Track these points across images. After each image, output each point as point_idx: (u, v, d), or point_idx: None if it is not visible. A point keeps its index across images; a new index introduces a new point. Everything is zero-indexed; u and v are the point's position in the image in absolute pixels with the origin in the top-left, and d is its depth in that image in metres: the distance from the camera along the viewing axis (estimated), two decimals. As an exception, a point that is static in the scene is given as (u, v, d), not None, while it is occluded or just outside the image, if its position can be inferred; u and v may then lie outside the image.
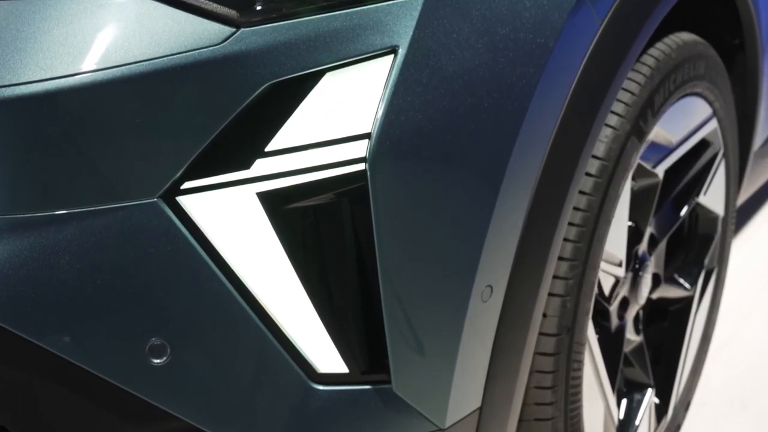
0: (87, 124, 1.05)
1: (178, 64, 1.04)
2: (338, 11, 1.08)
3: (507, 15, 1.17)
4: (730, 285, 2.41)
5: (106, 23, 1.04)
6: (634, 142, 1.44)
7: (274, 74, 1.07)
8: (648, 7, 1.37)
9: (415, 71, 1.11)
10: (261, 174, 1.09)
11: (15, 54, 1.03)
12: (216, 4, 1.05)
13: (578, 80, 1.26)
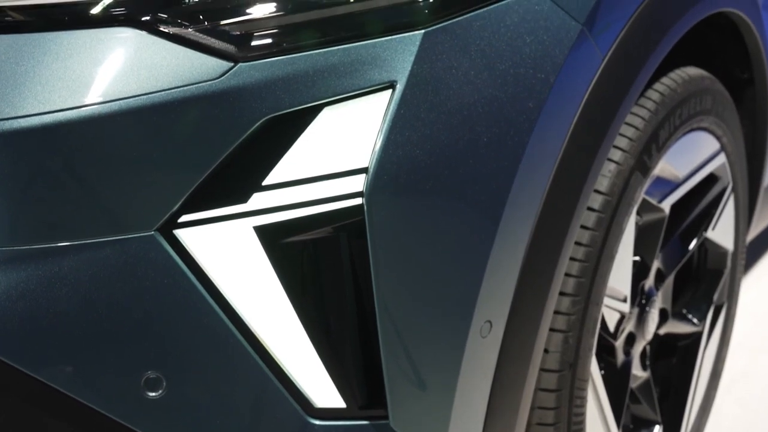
0: (85, 157, 1.05)
1: (176, 98, 1.05)
2: (336, 46, 1.09)
3: (507, 50, 1.17)
4: (742, 320, 2.39)
5: (105, 57, 1.05)
6: (638, 177, 1.44)
7: (272, 108, 1.07)
8: (652, 43, 1.37)
9: (413, 106, 1.11)
10: (258, 208, 1.09)
11: (14, 87, 1.04)
12: (213, 39, 1.06)
13: (580, 115, 1.26)
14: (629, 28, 1.32)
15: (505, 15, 1.17)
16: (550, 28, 1.21)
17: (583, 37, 1.24)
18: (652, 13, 1.35)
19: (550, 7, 1.21)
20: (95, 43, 1.05)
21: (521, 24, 1.18)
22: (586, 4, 1.24)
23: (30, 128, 1.03)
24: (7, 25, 1.06)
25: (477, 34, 1.15)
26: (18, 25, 1.06)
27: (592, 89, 1.27)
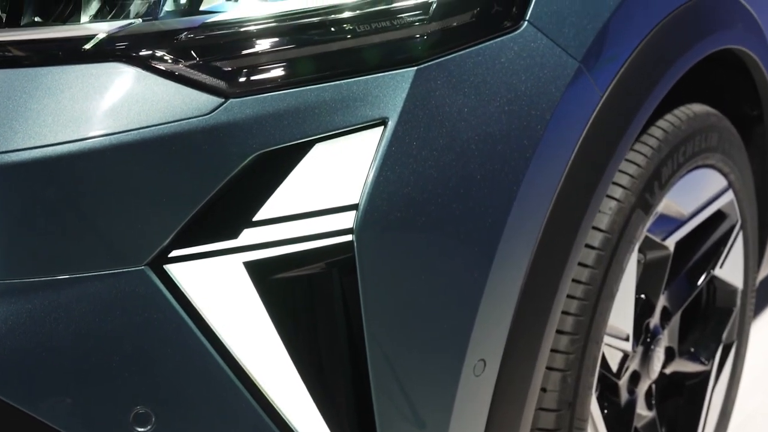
0: (75, 192, 1.05)
1: (167, 133, 1.05)
2: (328, 83, 1.09)
3: (501, 88, 1.17)
4: (757, 358, 2.35)
5: (96, 92, 1.05)
6: (639, 214, 1.42)
7: (263, 144, 1.07)
8: (653, 80, 1.36)
9: (405, 143, 1.11)
10: (248, 243, 1.09)
11: (6, 121, 1.04)
12: (204, 74, 1.06)
13: (577, 152, 1.25)
14: (629, 65, 1.31)
15: (500, 52, 1.17)
16: (546, 65, 1.20)
17: (581, 75, 1.24)
18: (653, 51, 1.35)
19: (546, 44, 1.20)
20: (87, 78, 1.05)
21: (516, 61, 1.18)
22: (583, 41, 1.24)
23: (21, 162, 1.04)
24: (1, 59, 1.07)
25: (471, 71, 1.15)
26: (11, 59, 1.07)
27: (590, 126, 1.26)
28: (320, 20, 1.10)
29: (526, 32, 1.19)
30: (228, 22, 1.08)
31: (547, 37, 1.20)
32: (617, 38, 1.29)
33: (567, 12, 1.22)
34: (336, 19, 1.10)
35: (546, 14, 1.20)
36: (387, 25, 1.11)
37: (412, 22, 1.12)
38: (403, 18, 1.12)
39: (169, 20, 1.09)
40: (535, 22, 1.19)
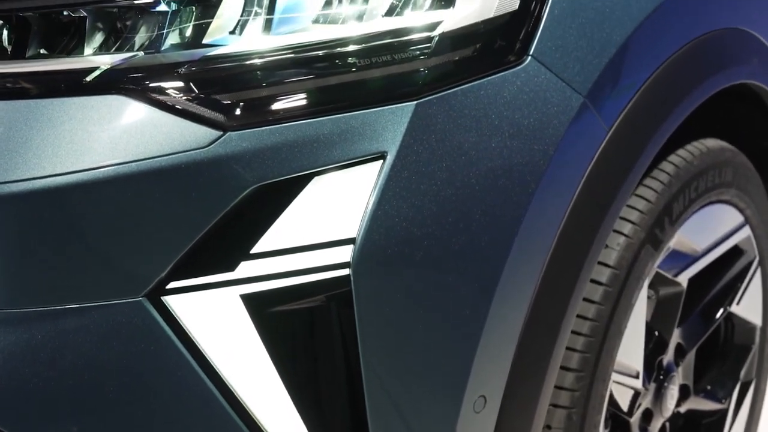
0: (73, 223, 1.06)
1: (165, 165, 1.05)
2: (326, 116, 1.09)
3: (503, 122, 1.16)
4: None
5: (95, 124, 1.06)
6: (649, 250, 1.41)
7: (261, 177, 1.07)
8: (662, 115, 1.35)
9: (403, 177, 1.10)
10: (245, 276, 1.09)
11: (6, 152, 1.05)
12: (203, 107, 1.06)
13: (582, 188, 1.24)
14: (637, 100, 1.30)
15: (503, 86, 1.16)
16: (549, 100, 1.19)
17: (586, 110, 1.23)
18: (663, 86, 1.33)
19: (549, 79, 1.19)
20: (87, 110, 1.06)
21: (519, 95, 1.17)
22: (588, 76, 1.23)
23: (20, 193, 1.04)
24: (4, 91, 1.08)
25: (472, 106, 1.14)
26: (14, 91, 1.08)
27: (595, 162, 1.25)
28: (320, 54, 1.10)
29: (530, 67, 1.18)
30: (228, 55, 1.09)
31: (551, 71, 1.20)
32: (624, 73, 1.28)
33: (572, 46, 1.21)
34: (336, 53, 1.10)
35: (550, 49, 1.20)
36: (387, 59, 1.11)
37: (413, 56, 1.12)
38: (404, 52, 1.12)
39: (171, 53, 1.09)
40: (539, 57, 1.19)
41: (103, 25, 1.11)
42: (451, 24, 1.14)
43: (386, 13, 1.13)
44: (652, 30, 1.30)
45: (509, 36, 1.18)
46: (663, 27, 1.33)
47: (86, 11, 1.10)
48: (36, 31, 1.12)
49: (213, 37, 1.11)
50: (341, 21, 1.12)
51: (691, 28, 1.38)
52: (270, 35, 1.10)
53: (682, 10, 1.36)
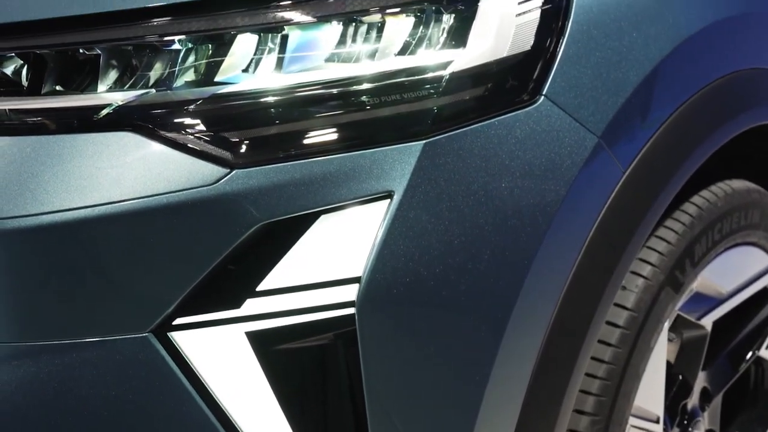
0: (81, 258, 1.07)
1: (172, 202, 1.06)
2: (334, 155, 1.09)
3: (514, 162, 1.15)
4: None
5: (105, 161, 1.07)
6: (669, 293, 1.38)
7: (267, 215, 1.07)
8: (681, 157, 1.33)
9: (410, 216, 1.10)
10: (251, 313, 1.09)
11: (15, 187, 1.06)
12: (210, 145, 1.07)
13: (597, 229, 1.22)
14: (655, 141, 1.28)
15: (514, 126, 1.16)
16: (563, 141, 1.18)
17: (601, 150, 1.21)
18: (683, 126, 1.31)
19: (563, 119, 1.18)
20: (97, 147, 1.07)
21: (531, 135, 1.16)
22: (603, 116, 1.21)
23: (30, 228, 1.06)
24: (12, 127, 1.09)
25: (482, 145, 1.13)
26: (26, 127, 1.09)
27: (610, 203, 1.24)
28: (330, 93, 1.10)
29: (543, 107, 1.17)
30: (238, 93, 1.10)
31: (564, 111, 1.19)
32: (641, 113, 1.26)
33: (587, 86, 1.20)
34: (346, 92, 1.10)
35: (564, 88, 1.19)
36: (397, 98, 1.11)
37: (423, 95, 1.11)
38: (414, 91, 1.11)
39: (182, 91, 1.10)
40: (552, 97, 1.18)
41: (117, 63, 1.13)
42: (462, 64, 1.13)
43: (399, 52, 1.13)
44: (671, 70, 1.29)
45: (522, 75, 1.17)
46: (683, 67, 1.31)
47: (100, 49, 1.12)
48: (52, 68, 1.14)
49: (225, 74, 1.12)
50: (353, 60, 1.12)
51: (712, 68, 1.36)
52: (281, 73, 1.11)
53: (703, 50, 1.34)
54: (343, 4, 1.11)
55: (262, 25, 1.11)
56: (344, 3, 1.11)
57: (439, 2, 1.15)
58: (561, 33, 1.20)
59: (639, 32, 1.26)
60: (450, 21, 1.15)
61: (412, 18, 1.15)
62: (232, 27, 1.11)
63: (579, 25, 1.21)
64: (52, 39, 1.12)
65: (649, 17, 1.27)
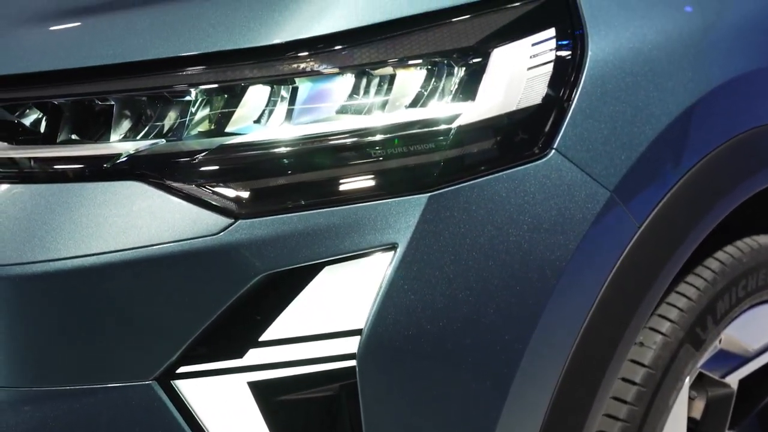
0: (87, 305, 1.08)
1: (177, 251, 1.07)
2: (338, 207, 1.09)
3: (523, 216, 1.14)
4: None
5: (112, 209, 1.08)
6: (689, 350, 1.36)
7: (270, 266, 1.08)
8: (701, 212, 1.31)
9: (413, 269, 1.09)
10: (253, 364, 1.09)
11: (24, 234, 1.08)
12: (215, 195, 1.08)
13: (609, 285, 1.21)
14: (672, 195, 1.26)
15: (523, 180, 1.15)
16: (574, 195, 1.17)
17: (613, 204, 1.20)
18: (702, 182, 1.29)
19: (574, 173, 1.17)
20: (105, 195, 1.09)
21: (541, 189, 1.16)
22: (616, 171, 1.20)
23: (36, 274, 1.07)
24: (28, 175, 1.11)
25: (489, 199, 1.13)
26: (38, 175, 1.12)
27: (625, 258, 1.22)
28: (336, 144, 1.11)
29: (553, 160, 1.17)
30: (245, 144, 1.11)
31: (576, 166, 1.18)
32: (657, 168, 1.25)
33: (599, 141, 1.19)
34: (351, 144, 1.11)
35: (576, 142, 1.18)
36: (403, 151, 1.11)
37: (429, 148, 1.11)
38: (420, 144, 1.12)
39: (191, 141, 1.12)
40: (563, 150, 1.17)
41: (130, 113, 1.15)
42: (470, 117, 1.13)
43: (407, 105, 1.13)
44: (689, 125, 1.27)
45: (533, 129, 1.16)
46: (702, 122, 1.29)
47: (114, 99, 1.14)
48: (68, 117, 1.16)
49: (236, 125, 1.13)
50: (362, 112, 1.13)
51: (734, 123, 1.34)
52: (290, 125, 1.12)
53: (724, 105, 1.32)
54: (352, 57, 1.12)
55: (273, 76, 1.12)
56: (353, 56, 1.12)
57: (450, 56, 1.15)
58: (574, 86, 1.19)
59: (656, 86, 1.25)
60: (460, 74, 1.15)
61: (422, 71, 1.15)
62: (243, 78, 1.12)
63: (593, 78, 1.20)
64: (68, 89, 1.14)
65: (666, 72, 1.26)
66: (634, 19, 1.26)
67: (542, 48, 1.19)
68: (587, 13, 1.23)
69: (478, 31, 1.17)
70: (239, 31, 1.12)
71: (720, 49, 1.34)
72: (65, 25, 1.15)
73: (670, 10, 1.31)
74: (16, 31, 1.15)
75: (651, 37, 1.26)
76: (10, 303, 1.08)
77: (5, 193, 1.11)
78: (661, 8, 1.30)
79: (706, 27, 1.34)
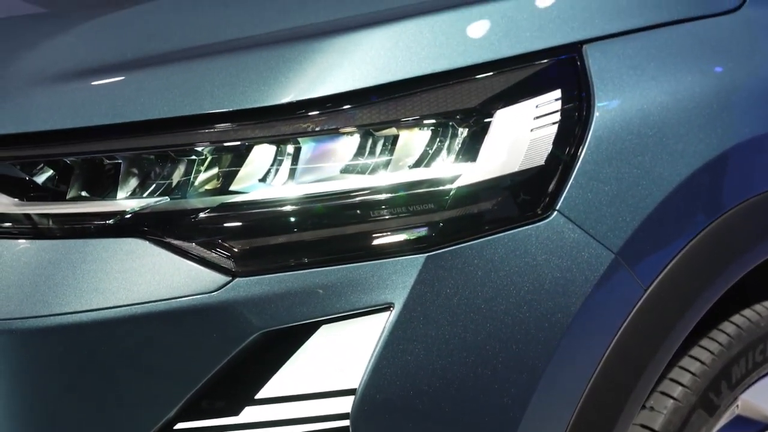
0: (86, 361, 1.09)
1: (175, 308, 1.08)
2: (335, 266, 1.10)
3: (523, 277, 1.14)
4: None
5: (112, 265, 1.10)
6: (701, 415, 1.33)
7: (267, 324, 1.09)
8: (713, 274, 1.29)
9: (409, 329, 1.09)
10: (249, 421, 1.10)
11: (27, 289, 1.10)
12: (214, 253, 1.09)
13: (614, 347, 1.19)
14: (682, 258, 1.25)
15: (523, 241, 1.14)
16: (576, 256, 1.16)
17: (618, 267, 1.19)
18: (712, 246, 1.27)
19: (577, 234, 1.17)
20: (107, 252, 1.10)
21: (542, 250, 1.15)
22: (621, 232, 1.19)
23: (37, 329, 1.09)
24: (31, 231, 1.14)
25: (488, 259, 1.13)
26: (42, 231, 1.14)
27: (630, 322, 1.21)
28: (335, 204, 1.12)
29: (555, 222, 1.16)
30: (245, 202, 1.12)
31: (579, 227, 1.17)
32: (664, 230, 1.23)
33: (603, 202, 1.18)
34: (350, 204, 1.12)
35: (579, 203, 1.17)
36: (402, 211, 1.12)
37: (428, 209, 1.12)
38: (419, 205, 1.12)
39: (194, 199, 1.13)
40: (565, 212, 1.17)
41: (137, 170, 1.17)
42: (470, 178, 1.14)
43: (408, 166, 1.14)
44: (699, 187, 1.26)
45: (534, 190, 1.16)
46: (713, 185, 1.28)
47: (121, 157, 1.16)
48: (78, 174, 1.18)
49: (241, 184, 1.14)
50: (362, 172, 1.13)
51: (746, 186, 1.33)
52: (292, 184, 1.13)
53: (735, 168, 1.31)
54: (353, 118, 1.13)
55: (277, 136, 1.14)
56: (354, 117, 1.13)
57: (453, 117, 1.16)
58: (578, 148, 1.19)
59: (664, 148, 1.24)
60: (462, 135, 1.15)
61: (425, 131, 1.16)
62: (247, 138, 1.14)
63: (599, 139, 1.20)
64: (77, 147, 1.16)
65: (676, 133, 1.25)
66: (645, 80, 1.26)
67: (547, 109, 1.19)
68: (596, 74, 1.23)
69: (482, 93, 1.18)
70: (244, 91, 1.14)
71: (736, 111, 1.33)
72: (76, 85, 1.17)
73: (683, 71, 1.30)
74: (29, 90, 1.18)
75: (661, 99, 1.26)
76: (11, 357, 1.10)
77: (12, 248, 1.13)
78: (673, 70, 1.29)
79: (723, 89, 1.33)
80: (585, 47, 1.24)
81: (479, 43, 1.20)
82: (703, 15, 1.36)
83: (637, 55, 1.27)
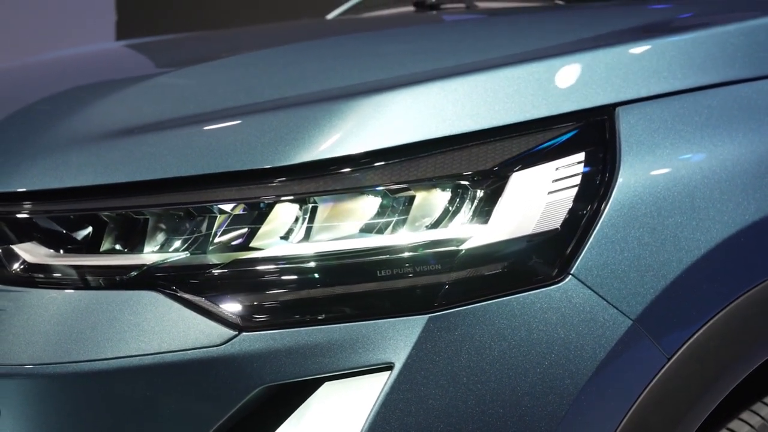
0: (95, 410, 1.13)
1: (182, 360, 1.11)
2: (339, 324, 1.11)
3: (532, 341, 1.12)
4: None
5: (127, 317, 1.13)
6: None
7: (271, 378, 1.10)
8: (740, 351, 1.23)
9: (409, 390, 1.09)
10: (251, 475, 1.11)
11: (46, 336, 1.15)
12: (222, 307, 1.12)
13: (630, 418, 1.16)
14: (710, 328, 1.20)
15: (533, 305, 1.13)
16: (591, 322, 1.14)
17: (637, 334, 1.16)
18: (740, 318, 1.22)
19: (592, 300, 1.15)
20: (123, 304, 1.14)
21: (554, 315, 1.13)
22: (641, 299, 1.16)
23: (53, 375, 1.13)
24: (60, 282, 1.19)
25: (492, 323, 1.12)
26: (67, 283, 1.19)
27: (649, 392, 1.17)
28: (344, 263, 1.13)
29: (569, 286, 1.14)
30: (256, 259, 1.15)
31: (594, 292, 1.15)
32: (691, 297, 1.20)
33: (622, 267, 1.16)
34: (359, 264, 1.13)
35: (596, 268, 1.15)
36: (407, 271, 1.12)
37: (434, 270, 1.12)
38: (425, 266, 1.12)
39: (212, 254, 1.16)
40: (580, 276, 1.15)
41: (165, 226, 1.21)
42: (480, 240, 1.13)
43: (418, 227, 1.15)
44: (729, 256, 1.22)
45: (548, 254, 1.15)
46: (746, 254, 1.23)
47: (149, 213, 1.20)
48: (111, 228, 1.23)
49: (261, 240, 1.17)
50: (373, 231, 1.15)
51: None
52: (306, 242, 1.15)
53: None
54: (361, 179, 1.15)
55: (294, 195, 1.16)
56: (361, 178, 1.15)
57: (470, 179, 1.16)
58: (598, 212, 1.17)
59: (693, 213, 1.21)
60: (477, 197, 1.16)
61: (442, 193, 1.16)
62: (264, 196, 1.17)
63: (620, 204, 1.18)
64: (106, 203, 1.22)
65: (708, 198, 1.22)
66: (679, 143, 1.23)
67: (567, 172, 1.18)
68: (625, 137, 1.21)
69: (501, 155, 1.18)
70: (264, 150, 1.17)
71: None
72: (105, 144, 1.23)
73: (722, 135, 1.27)
74: (66, 147, 1.24)
75: (695, 162, 1.23)
76: (24, 404, 1.15)
77: (43, 296, 1.19)
78: (711, 133, 1.26)
79: (765, 155, 1.29)
80: (618, 110, 1.23)
81: (505, 106, 1.20)
82: (748, 78, 1.33)
83: (673, 117, 1.25)
